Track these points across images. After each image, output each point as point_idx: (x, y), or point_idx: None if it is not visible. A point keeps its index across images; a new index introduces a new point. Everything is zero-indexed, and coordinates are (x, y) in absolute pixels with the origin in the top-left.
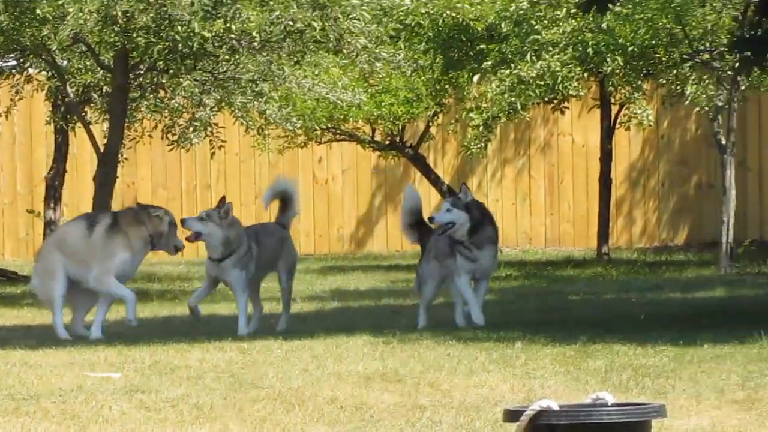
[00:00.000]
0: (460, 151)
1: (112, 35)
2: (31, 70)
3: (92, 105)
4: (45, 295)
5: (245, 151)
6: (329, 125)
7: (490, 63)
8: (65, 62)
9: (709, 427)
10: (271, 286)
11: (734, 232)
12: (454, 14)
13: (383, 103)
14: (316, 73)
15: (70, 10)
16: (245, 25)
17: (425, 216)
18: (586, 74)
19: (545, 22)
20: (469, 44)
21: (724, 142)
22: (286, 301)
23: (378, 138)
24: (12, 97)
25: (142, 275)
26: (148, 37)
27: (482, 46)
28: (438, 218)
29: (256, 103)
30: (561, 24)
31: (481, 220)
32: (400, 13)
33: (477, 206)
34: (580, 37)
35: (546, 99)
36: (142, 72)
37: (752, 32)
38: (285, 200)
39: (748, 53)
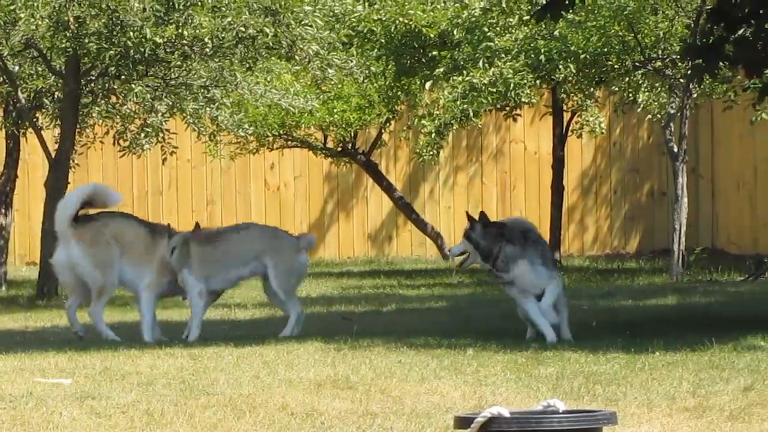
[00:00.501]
0: (412, 157)
1: (64, 41)
2: None
3: (44, 110)
4: (97, 282)
5: (197, 158)
6: (281, 132)
7: (442, 70)
8: (17, 67)
9: None
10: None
11: (686, 240)
12: (406, 21)
13: (335, 110)
14: (268, 79)
15: (22, 15)
16: (197, 31)
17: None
18: (538, 81)
19: (497, 29)
20: (421, 51)
21: (676, 149)
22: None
23: (330, 144)
24: None
25: None
26: (100, 42)
27: (434, 52)
28: (453, 249)
29: (208, 109)
30: (513, 31)
31: (493, 246)
32: (353, 20)
33: (489, 233)
34: (532, 45)
35: (498, 106)
36: (93, 78)
37: (704, 40)
38: None
39: (700, 61)
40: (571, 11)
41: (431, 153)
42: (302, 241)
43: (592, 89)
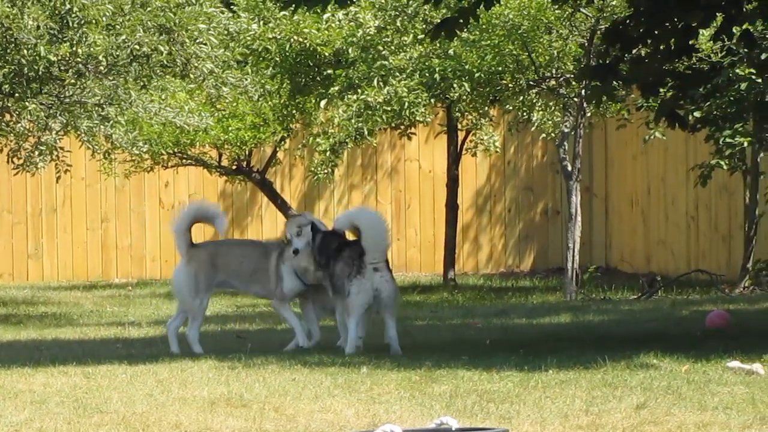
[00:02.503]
0: (307, 176)
1: None
2: None
3: None
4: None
5: (91, 176)
6: (176, 150)
7: (337, 88)
8: None
9: None
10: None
11: (580, 258)
12: (301, 39)
13: (230, 128)
14: (163, 97)
15: None
16: (91, 49)
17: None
18: (433, 100)
19: (392, 47)
20: (316, 69)
21: (570, 168)
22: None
23: (225, 163)
24: None
25: None
26: None
27: (329, 71)
28: None
29: (102, 127)
30: (408, 50)
31: None
32: (247, 38)
33: None
34: (427, 63)
35: (393, 124)
36: None
37: (599, 60)
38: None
39: (597, 82)
40: (465, 30)
41: (326, 171)
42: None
43: (486, 108)
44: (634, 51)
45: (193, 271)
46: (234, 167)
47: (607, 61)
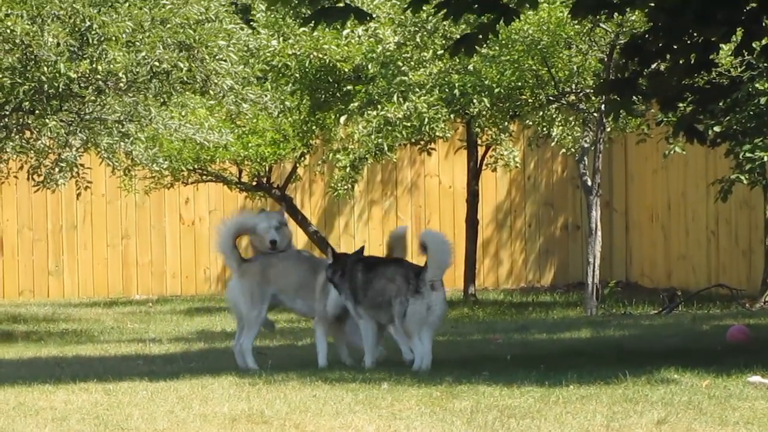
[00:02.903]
0: (327, 192)
1: None
2: None
3: None
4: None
5: (111, 192)
6: (196, 166)
7: (356, 104)
8: None
9: None
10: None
11: (600, 273)
12: (320, 55)
13: (250, 144)
14: (183, 113)
15: None
16: (111, 66)
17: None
18: (452, 115)
19: (412, 63)
20: (335, 85)
21: (590, 183)
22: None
23: (245, 179)
24: None
25: (7, 316)
26: (14, 77)
27: (349, 87)
28: None
29: (122, 143)
30: (427, 65)
31: None
32: (267, 55)
33: None
34: (446, 79)
35: (413, 140)
36: (7, 113)
37: (618, 75)
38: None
39: (616, 97)
40: (485, 46)
41: (346, 187)
42: None
43: (506, 123)
44: (653, 66)
45: (247, 284)
46: (254, 183)
47: (626, 76)
